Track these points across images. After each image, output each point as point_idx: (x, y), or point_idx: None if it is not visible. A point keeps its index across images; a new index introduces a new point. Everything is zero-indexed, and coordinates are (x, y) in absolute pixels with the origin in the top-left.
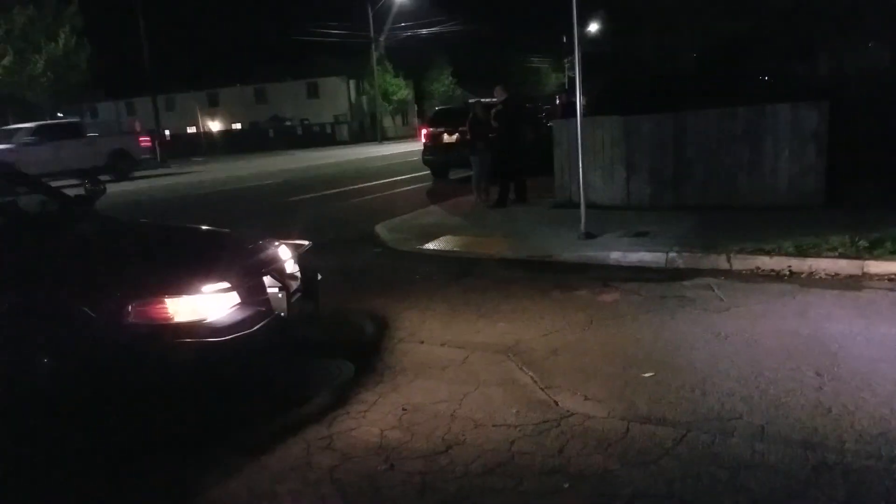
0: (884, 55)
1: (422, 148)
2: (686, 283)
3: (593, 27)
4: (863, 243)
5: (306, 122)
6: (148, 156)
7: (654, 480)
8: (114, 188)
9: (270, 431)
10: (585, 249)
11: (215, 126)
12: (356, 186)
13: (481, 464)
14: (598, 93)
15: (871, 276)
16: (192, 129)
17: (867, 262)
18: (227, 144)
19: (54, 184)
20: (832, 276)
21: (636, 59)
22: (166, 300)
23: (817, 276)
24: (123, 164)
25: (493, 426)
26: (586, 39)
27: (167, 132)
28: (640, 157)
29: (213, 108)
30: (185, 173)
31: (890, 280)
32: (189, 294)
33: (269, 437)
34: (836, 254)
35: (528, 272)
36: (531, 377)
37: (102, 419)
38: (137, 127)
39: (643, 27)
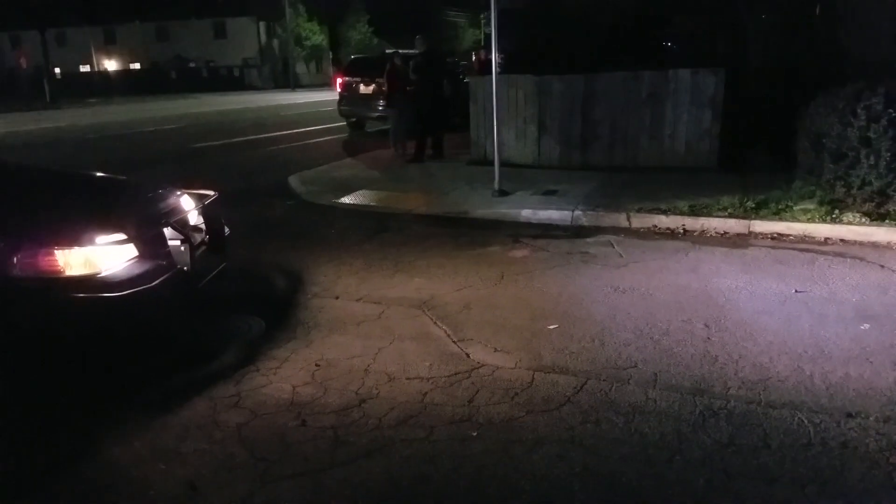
0: (776, 27)
1: (337, 98)
2: (589, 240)
3: None
4: (750, 204)
5: (212, 64)
6: None
7: (556, 426)
8: None
9: (174, 390)
10: (499, 206)
11: (111, 65)
12: (267, 135)
13: (394, 416)
14: (514, 51)
15: (756, 235)
16: (85, 68)
17: (753, 222)
18: (126, 85)
19: None
20: (722, 234)
21: (553, 16)
22: (56, 251)
23: (709, 234)
24: None
25: (407, 379)
26: None
27: (57, 70)
28: (552, 117)
29: (109, 46)
30: (78, 115)
31: (773, 238)
32: (81, 245)
33: (173, 396)
34: (726, 213)
35: (443, 228)
36: (444, 331)
37: None
38: (23, 62)
39: None
